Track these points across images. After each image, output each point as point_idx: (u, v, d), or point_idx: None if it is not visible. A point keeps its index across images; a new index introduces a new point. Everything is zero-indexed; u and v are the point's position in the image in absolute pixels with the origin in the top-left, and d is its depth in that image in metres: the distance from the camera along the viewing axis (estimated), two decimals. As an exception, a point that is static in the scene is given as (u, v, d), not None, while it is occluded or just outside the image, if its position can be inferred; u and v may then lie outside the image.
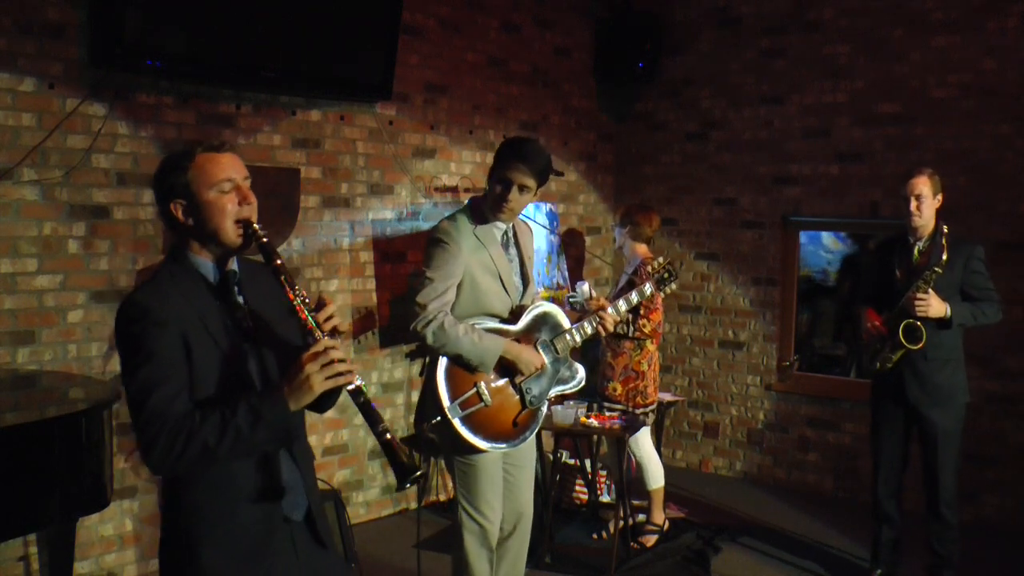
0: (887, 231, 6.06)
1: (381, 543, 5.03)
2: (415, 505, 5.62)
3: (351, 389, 2.09)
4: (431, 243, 3.39)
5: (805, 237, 6.35)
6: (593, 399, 4.96)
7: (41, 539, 3.45)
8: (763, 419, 6.36)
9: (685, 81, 6.61)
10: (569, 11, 6.55)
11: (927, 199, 4.13)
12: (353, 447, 5.30)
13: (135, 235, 4.29)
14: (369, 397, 2.12)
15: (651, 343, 4.87)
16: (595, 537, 5.12)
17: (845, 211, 6.00)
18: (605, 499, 5.50)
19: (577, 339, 3.54)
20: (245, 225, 2.13)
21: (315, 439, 5.03)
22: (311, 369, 2.02)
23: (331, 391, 2.22)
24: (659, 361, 5.05)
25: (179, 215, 2.13)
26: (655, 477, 4.99)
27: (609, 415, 4.76)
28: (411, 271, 5.53)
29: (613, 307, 3.65)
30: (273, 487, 2.17)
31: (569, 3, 6.55)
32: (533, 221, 5.59)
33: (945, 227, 4.06)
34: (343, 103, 5.11)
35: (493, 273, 3.41)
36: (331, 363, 2.03)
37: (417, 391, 5.59)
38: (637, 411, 4.84)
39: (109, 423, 3.30)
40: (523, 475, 3.59)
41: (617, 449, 4.86)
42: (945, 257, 3.99)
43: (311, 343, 2.08)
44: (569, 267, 6.32)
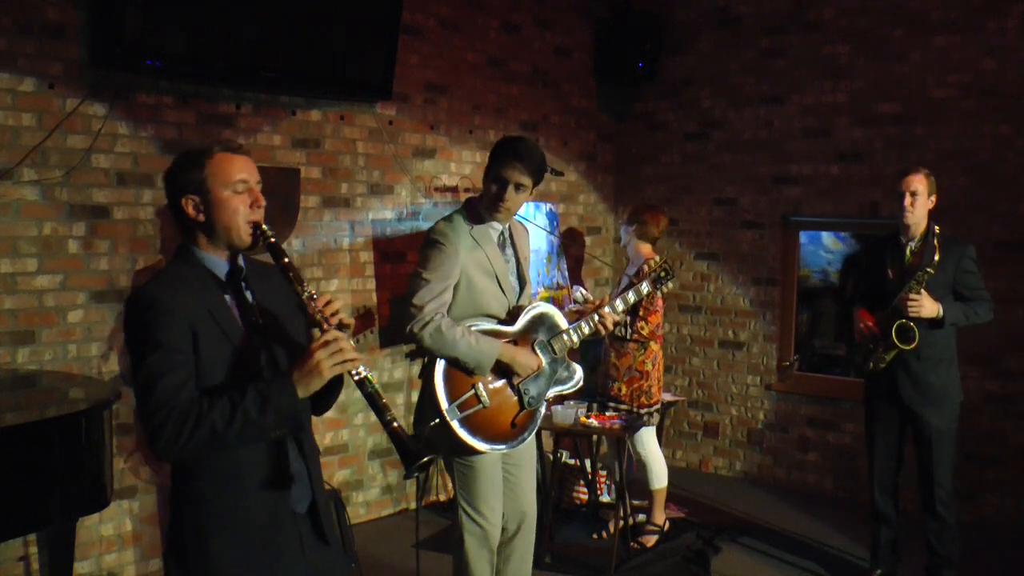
0: (886, 231, 6.10)
1: (381, 543, 5.03)
2: (415, 505, 5.63)
3: (358, 379, 2.15)
4: (427, 244, 3.38)
5: (805, 237, 6.35)
6: (592, 399, 4.96)
7: (41, 539, 3.45)
8: (763, 419, 6.36)
9: (685, 81, 6.61)
10: (569, 11, 6.55)
11: (921, 196, 4.14)
12: (353, 447, 5.30)
13: (135, 235, 4.29)
14: (377, 387, 2.17)
15: (655, 343, 4.87)
16: (595, 537, 5.11)
17: (845, 211, 6.00)
18: (605, 499, 5.50)
19: (575, 339, 3.53)
20: (255, 226, 2.20)
21: (315, 439, 5.02)
22: (320, 355, 2.08)
23: (332, 390, 2.29)
24: (663, 361, 5.05)
25: (189, 210, 2.18)
26: (659, 477, 4.99)
27: (609, 415, 4.76)
28: (411, 271, 5.52)
29: (610, 306, 3.64)
30: (280, 478, 2.21)
31: (569, 3, 6.55)
32: (532, 222, 5.59)
33: (937, 227, 4.07)
34: (343, 103, 5.11)
35: (490, 274, 3.39)
36: (340, 350, 2.09)
37: (417, 391, 5.59)
38: (642, 411, 4.84)
39: (109, 423, 3.30)
40: (523, 474, 3.58)
41: (617, 449, 4.86)
42: (937, 257, 4.00)
43: (320, 335, 2.14)
44: (569, 267, 6.32)
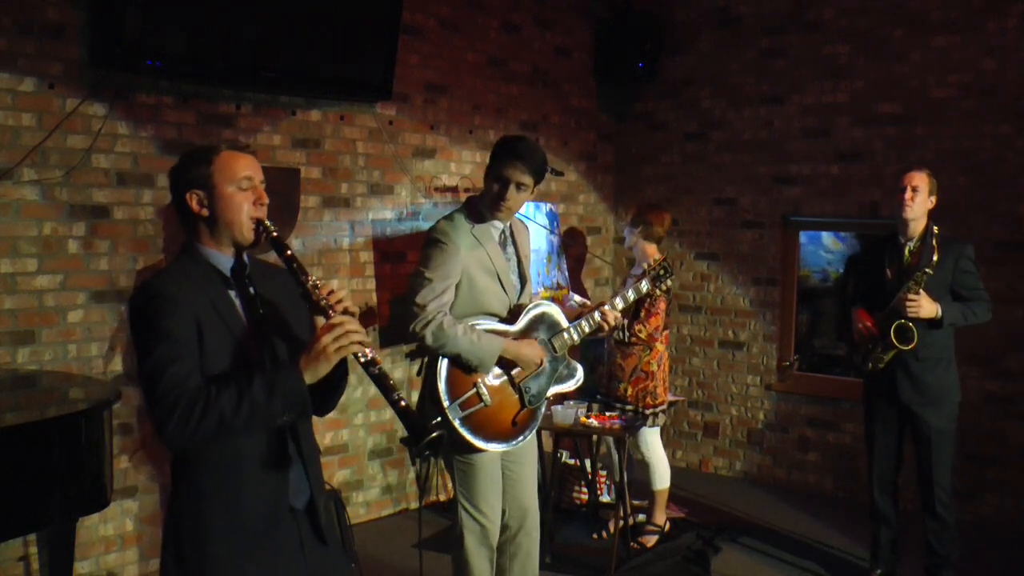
0: (886, 231, 6.10)
1: (381, 543, 5.03)
2: (415, 505, 5.63)
3: (364, 360, 2.16)
4: (428, 243, 3.39)
5: (805, 237, 6.35)
6: (591, 398, 4.96)
7: (41, 539, 3.45)
8: (763, 419, 6.36)
9: (685, 81, 6.61)
10: (569, 11, 6.55)
11: (921, 193, 4.13)
12: (353, 447, 5.30)
13: (135, 235, 4.29)
14: (383, 368, 2.19)
15: (660, 343, 4.87)
16: (595, 537, 5.12)
17: (845, 211, 6.00)
18: (605, 499, 5.50)
19: (575, 337, 3.54)
20: (257, 223, 2.23)
21: (315, 439, 5.02)
22: (327, 340, 2.10)
23: (335, 388, 2.31)
24: (668, 362, 5.04)
25: (193, 205, 2.21)
26: (661, 478, 4.99)
27: (609, 415, 4.76)
28: (411, 271, 5.51)
29: (610, 303, 3.66)
30: (279, 462, 2.22)
31: (569, 3, 6.55)
32: (532, 221, 5.59)
33: (935, 227, 4.07)
34: (343, 103, 5.11)
35: (491, 272, 3.40)
36: (347, 333, 2.11)
37: (417, 391, 5.59)
38: (647, 412, 4.84)
39: (109, 423, 3.30)
40: (524, 471, 3.59)
41: (617, 449, 4.86)
42: (936, 258, 4.00)
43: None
44: (569, 267, 6.32)
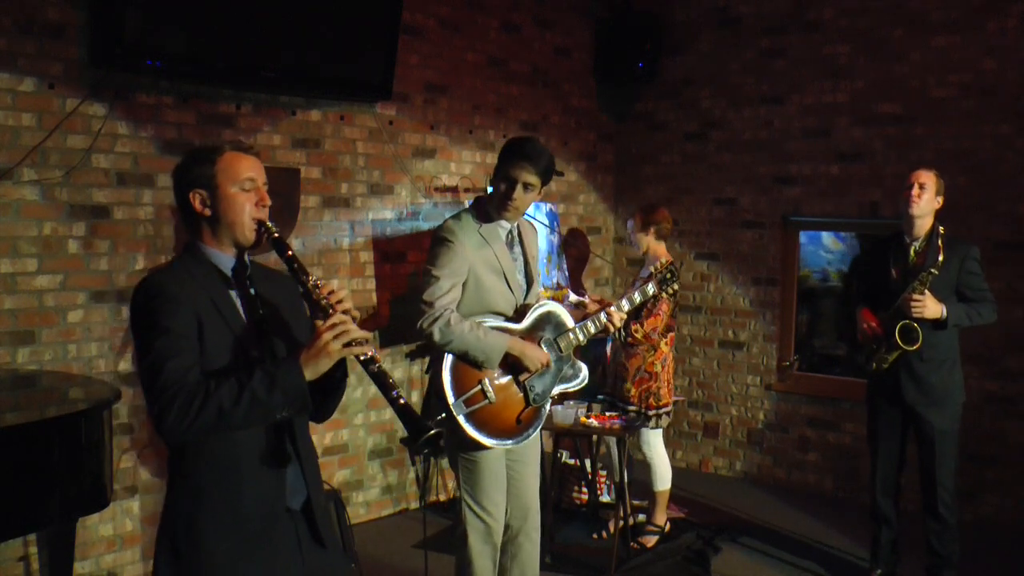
0: (887, 231, 6.10)
1: (381, 543, 5.03)
2: (415, 505, 5.63)
3: (364, 359, 2.16)
4: (436, 242, 3.42)
5: (805, 237, 6.35)
6: (592, 398, 4.96)
7: (41, 539, 3.45)
8: (763, 419, 6.36)
9: (685, 81, 6.61)
10: (569, 11, 6.55)
11: (928, 191, 4.12)
12: (353, 447, 5.30)
13: (135, 235, 4.29)
14: (383, 367, 2.19)
15: (665, 345, 4.86)
16: (595, 537, 5.12)
17: (845, 211, 6.00)
18: (605, 499, 5.50)
19: (580, 338, 3.56)
20: (259, 224, 2.23)
21: (315, 439, 4.98)
22: (328, 336, 2.10)
23: (335, 392, 2.32)
24: (673, 363, 5.01)
25: (196, 204, 2.22)
26: (663, 479, 4.98)
27: (609, 415, 4.76)
28: (411, 271, 5.53)
29: (616, 305, 3.68)
30: (278, 458, 2.22)
31: (569, 3, 6.55)
32: (536, 219, 5.59)
33: (941, 228, 4.06)
34: (343, 103, 5.11)
35: (497, 271, 3.43)
36: (348, 332, 2.11)
37: (417, 391, 5.61)
38: (650, 412, 4.83)
39: (109, 423, 3.30)
40: (528, 470, 3.61)
41: (617, 449, 4.86)
42: (941, 258, 3.99)
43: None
44: (569, 267, 6.32)
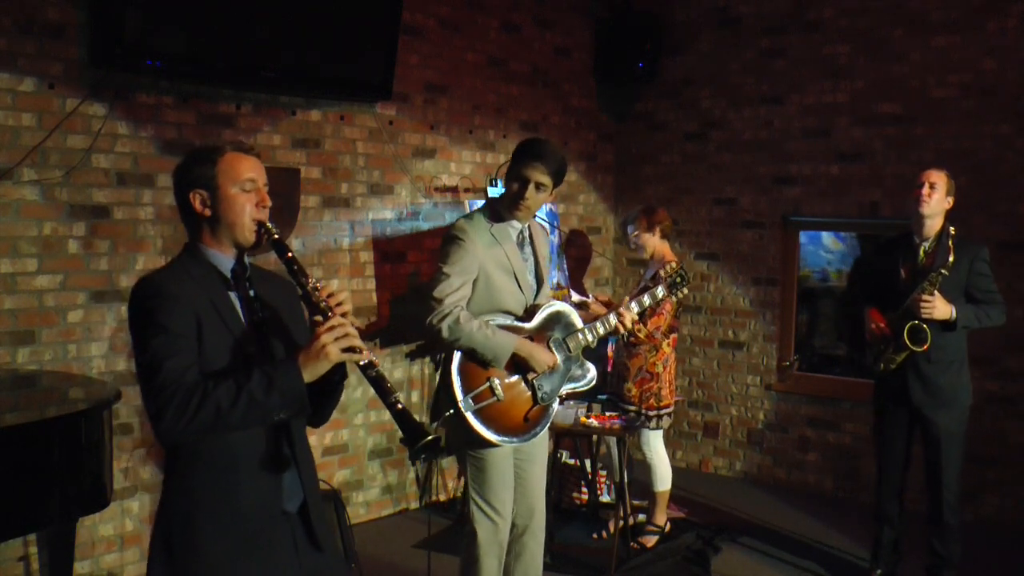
0: (887, 231, 6.09)
1: (381, 543, 5.03)
2: (415, 505, 5.64)
3: (363, 364, 2.16)
4: (447, 240, 3.45)
5: (805, 237, 6.36)
6: (593, 398, 4.95)
7: (41, 539, 3.44)
8: (763, 419, 6.36)
9: (685, 81, 6.61)
10: (569, 11, 6.55)
11: (939, 191, 4.10)
12: (353, 447, 5.30)
13: (135, 235, 4.29)
14: (381, 370, 2.19)
15: (668, 346, 4.86)
16: (595, 537, 5.11)
17: (845, 211, 6.00)
18: (605, 499, 5.50)
19: (589, 338, 3.58)
20: (259, 225, 2.23)
21: (315, 439, 5.02)
22: (327, 339, 2.09)
23: (332, 395, 2.30)
24: (675, 364, 5.00)
25: (196, 204, 2.21)
26: (663, 479, 4.98)
27: (609, 415, 4.76)
28: (411, 271, 5.53)
29: (626, 306, 3.69)
30: (277, 463, 2.21)
31: (569, 3, 6.55)
32: (546, 219, 5.59)
33: (952, 228, 4.03)
34: (343, 103, 5.10)
35: (508, 271, 3.46)
36: (347, 335, 2.10)
37: (417, 391, 5.62)
38: (650, 413, 4.83)
39: (109, 423, 3.30)
40: (534, 469, 3.63)
41: (617, 449, 4.86)
42: (952, 259, 3.96)
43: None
44: (569, 267, 6.32)
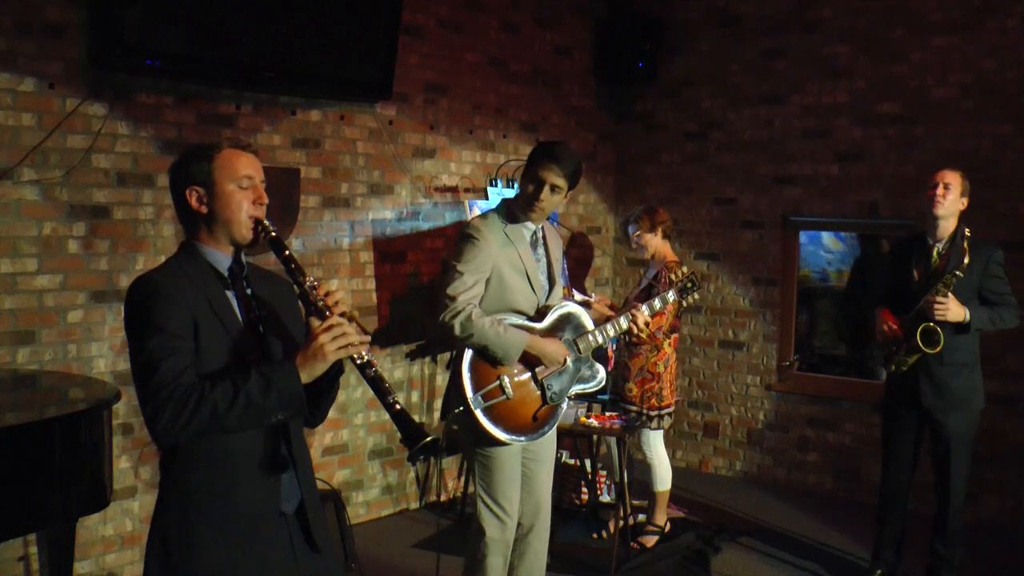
0: (886, 231, 6.10)
1: (381, 543, 5.03)
2: (415, 505, 5.64)
3: (361, 363, 2.15)
4: (462, 238, 3.47)
5: (805, 237, 6.36)
6: (593, 398, 4.95)
7: (41, 539, 3.44)
8: (763, 419, 6.36)
9: (685, 81, 6.61)
10: (569, 11, 6.55)
11: (953, 192, 4.07)
12: (353, 447, 5.30)
13: (135, 235, 4.29)
14: (379, 371, 2.18)
15: (668, 346, 4.86)
16: (595, 537, 5.12)
17: (845, 211, 6.00)
18: (605, 499, 5.50)
19: (600, 340, 3.60)
20: (256, 222, 2.22)
21: (315, 439, 5.03)
22: (324, 339, 2.08)
23: (327, 394, 2.29)
24: (676, 364, 5.00)
25: (193, 202, 2.20)
26: (663, 480, 4.98)
27: (609, 415, 4.75)
28: (411, 271, 5.53)
29: (639, 308, 3.69)
30: (275, 464, 2.20)
31: (569, 3, 6.55)
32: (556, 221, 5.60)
33: (967, 230, 4.00)
34: (343, 103, 5.10)
35: (520, 271, 3.48)
36: (344, 334, 2.10)
37: (418, 391, 5.62)
38: (651, 413, 4.83)
39: (109, 423, 3.30)
40: (542, 469, 3.64)
41: (617, 449, 4.86)
42: (967, 261, 3.93)
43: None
44: (569, 267, 6.32)
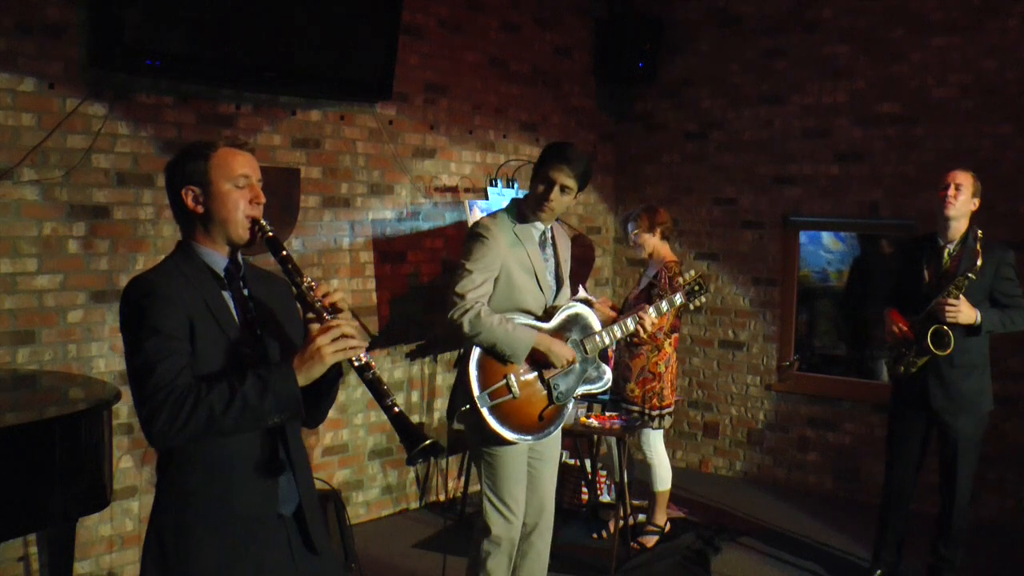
0: (886, 231, 6.10)
1: (381, 543, 5.03)
2: (415, 505, 5.64)
3: (359, 365, 2.14)
4: (471, 237, 3.49)
5: (805, 237, 6.36)
6: (593, 399, 4.95)
7: (41, 539, 3.45)
8: (763, 419, 6.36)
9: (685, 81, 6.61)
10: (569, 11, 6.55)
11: (965, 193, 4.04)
12: (353, 447, 5.30)
13: (135, 235, 4.29)
14: (378, 373, 2.17)
15: (669, 346, 4.86)
16: (595, 537, 5.12)
17: (845, 211, 6.00)
18: (605, 499, 5.50)
19: (607, 340, 3.61)
20: (253, 222, 2.20)
21: (315, 439, 5.03)
22: (322, 341, 2.07)
23: (327, 395, 2.28)
24: (676, 364, 5.00)
25: (189, 201, 2.18)
26: (663, 479, 4.98)
27: (609, 415, 4.75)
28: (411, 271, 5.53)
29: (646, 311, 3.69)
30: (272, 467, 2.19)
31: (569, 3, 6.55)
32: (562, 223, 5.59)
33: (980, 231, 3.96)
34: (343, 103, 5.10)
35: (529, 270, 3.49)
36: (342, 336, 2.09)
37: (417, 391, 5.62)
38: (653, 413, 4.83)
39: (109, 423, 3.30)
40: (547, 468, 3.65)
41: (617, 449, 4.86)
42: (980, 263, 3.89)
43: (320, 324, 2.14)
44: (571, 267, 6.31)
